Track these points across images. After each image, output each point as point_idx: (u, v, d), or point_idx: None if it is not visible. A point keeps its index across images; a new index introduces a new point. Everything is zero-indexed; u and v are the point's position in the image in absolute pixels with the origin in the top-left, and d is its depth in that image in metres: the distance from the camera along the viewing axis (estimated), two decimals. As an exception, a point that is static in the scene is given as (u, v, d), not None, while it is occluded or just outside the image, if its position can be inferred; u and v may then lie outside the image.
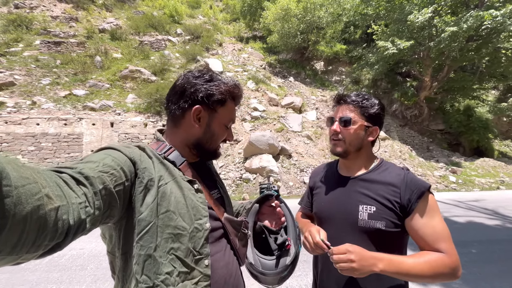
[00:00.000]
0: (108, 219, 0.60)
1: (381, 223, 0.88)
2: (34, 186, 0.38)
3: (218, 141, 0.85)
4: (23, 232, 0.36)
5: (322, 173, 1.15)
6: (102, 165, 0.58)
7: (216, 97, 0.78)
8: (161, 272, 0.63)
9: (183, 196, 0.70)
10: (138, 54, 12.40)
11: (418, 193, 0.86)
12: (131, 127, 8.46)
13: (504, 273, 2.99)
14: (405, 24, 10.93)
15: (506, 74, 11.67)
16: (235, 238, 0.83)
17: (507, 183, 9.24)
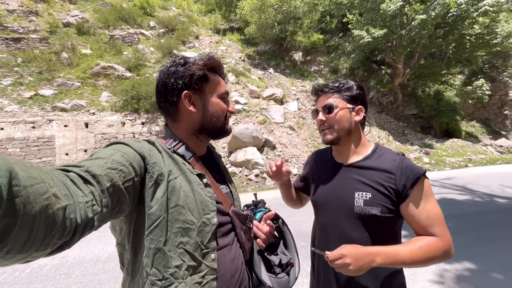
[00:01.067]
0: (119, 214, 0.60)
1: (376, 209, 0.88)
2: (42, 185, 0.38)
3: (221, 116, 0.83)
4: (32, 231, 0.36)
5: (317, 160, 1.15)
6: (110, 161, 0.58)
7: (197, 75, 0.77)
8: (170, 266, 0.64)
9: (192, 190, 0.71)
10: (110, 50, 11.71)
11: (413, 178, 0.86)
12: (108, 127, 8.06)
13: (476, 241, 3.27)
14: (378, 13, 11.23)
15: (470, 59, 12.48)
16: (241, 231, 0.83)
17: (474, 160, 9.99)
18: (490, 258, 2.86)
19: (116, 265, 2.95)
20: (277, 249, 0.92)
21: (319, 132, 1.05)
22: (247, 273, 0.84)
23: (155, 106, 8.72)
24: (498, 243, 3.22)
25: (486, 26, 10.68)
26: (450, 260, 2.83)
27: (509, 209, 4.48)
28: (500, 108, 15.63)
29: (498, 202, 4.86)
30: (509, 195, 5.28)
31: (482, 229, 3.65)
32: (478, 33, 10.88)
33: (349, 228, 0.92)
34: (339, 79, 1.05)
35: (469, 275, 2.56)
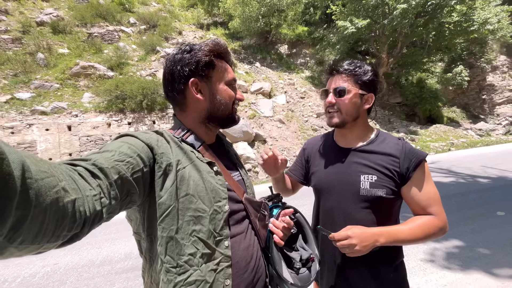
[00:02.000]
0: (130, 204, 0.61)
1: (382, 191, 0.91)
2: (52, 179, 0.39)
3: (229, 104, 0.81)
4: (43, 223, 0.37)
5: (319, 145, 1.14)
6: (118, 153, 0.58)
7: (203, 61, 0.75)
8: (184, 253, 0.65)
9: (201, 179, 0.71)
10: (89, 48, 11.23)
11: (416, 162, 0.90)
12: (93, 129, 7.79)
13: (461, 219, 3.43)
14: (360, 3, 11.34)
15: (450, 47, 12.88)
16: (255, 219, 0.83)
17: (456, 144, 10.42)
18: (475, 234, 3.02)
19: (112, 268, 2.89)
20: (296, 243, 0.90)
21: (325, 113, 1.04)
22: (263, 261, 0.83)
23: (141, 105, 8.52)
24: (481, 220, 3.39)
25: (463, 14, 11.02)
26: (439, 239, 2.96)
27: (491, 188, 4.71)
28: (478, 93, 16.30)
29: (480, 182, 5.10)
30: (490, 175, 5.55)
31: (467, 208, 3.83)
32: (456, 21, 11.21)
33: (355, 210, 0.95)
34: (355, 60, 1.01)
35: (458, 252, 2.69)
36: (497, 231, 3.07)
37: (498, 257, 2.53)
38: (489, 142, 10.77)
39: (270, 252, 0.82)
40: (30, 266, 3.05)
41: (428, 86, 14.54)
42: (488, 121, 15.01)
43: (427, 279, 2.30)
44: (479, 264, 2.45)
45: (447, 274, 2.34)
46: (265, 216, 0.87)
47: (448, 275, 2.34)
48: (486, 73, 16.02)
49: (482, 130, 13.22)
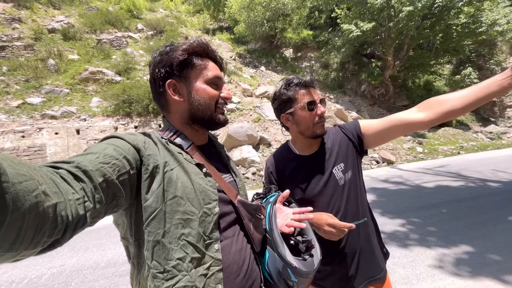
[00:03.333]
0: (116, 208, 0.59)
1: (349, 172, 1.04)
2: (31, 183, 0.37)
3: (210, 105, 0.77)
4: (21, 229, 0.35)
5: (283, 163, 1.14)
6: (103, 156, 0.56)
7: (177, 61, 0.73)
8: (171, 258, 0.62)
9: (190, 181, 0.68)
10: (98, 54, 11.52)
11: (354, 126, 1.08)
12: (100, 132, 7.94)
13: (471, 225, 3.33)
14: (365, 6, 11.31)
15: (458, 49, 12.68)
16: (249, 223, 0.80)
17: (465, 148, 10.18)
18: (486, 240, 2.92)
19: (116, 271, 2.91)
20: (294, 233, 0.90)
21: (311, 125, 1.03)
22: (256, 265, 0.81)
23: (147, 109, 8.65)
24: (492, 225, 3.28)
25: (471, 15, 10.86)
26: (448, 245, 2.89)
27: (502, 192, 4.57)
28: (488, 96, 15.94)
29: (491, 186, 4.96)
30: (501, 178, 5.40)
31: (477, 213, 3.72)
32: (464, 22, 11.06)
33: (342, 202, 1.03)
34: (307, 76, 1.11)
35: (468, 258, 2.60)
36: (509, 236, 2.96)
37: (509, 263, 2.44)
38: (500, 145, 10.49)
39: (271, 235, 0.81)
40: (37, 268, 3.10)
41: (436, 88, 14.33)
42: (499, 124, 14.64)
43: (435, 286, 2.23)
44: (489, 270, 2.36)
45: (456, 281, 2.27)
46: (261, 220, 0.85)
47: (457, 282, 2.26)
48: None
49: (493, 133, 12.89)
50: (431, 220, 3.55)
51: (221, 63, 0.83)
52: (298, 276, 0.76)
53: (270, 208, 0.87)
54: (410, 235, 3.19)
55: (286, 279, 0.78)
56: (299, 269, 0.76)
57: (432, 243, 2.94)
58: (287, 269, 0.76)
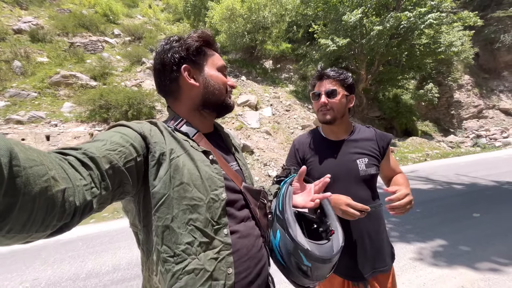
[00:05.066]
0: (123, 195, 0.60)
1: (372, 168, 1.15)
2: (41, 168, 0.38)
3: (222, 90, 0.81)
4: (32, 212, 0.37)
5: (309, 142, 1.27)
6: (110, 143, 0.57)
7: (194, 47, 0.77)
8: (181, 242, 0.64)
9: (196, 168, 0.70)
10: (70, 57, 10.95)
11: (387, 141, 1.21)
12: (74, 139, 7.46)
13: (443, 221, 3.65)
14: (340, 24, 12.12)
15: (420, 66, 13.99)
16: (255, 207, 0.82)
17: (431, 155, 11.10)
18: (456, 234, 3.22)
19: (99, 281, 2.73)
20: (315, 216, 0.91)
21: (317, 112, 1.20)
22: (265, 249, 0.83)
23: (126, 115, 8.33)
24: (460, 221, 3.63)
25: (431, 37, 12.11)
26: (425, 240, 3.13)
27: (465, 193, 5.06)
28: (447, 109, 17.65)
29: (456, 188, 5.46)
30: (463, 181, 5.97)
31: (447, 211, 4.08)
32: (426, 43, 12.28)
33: (358, 189, 1.11)
34: (336, 68, 1.22)
35: (442, 250, 2.85)
36: (475, 230, 3.29)
37: (477, 252, 2.72)
38: (459, 153, 11.58)
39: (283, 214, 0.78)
40: (6, 283, 2.80)
41: (403, 101, 15.56)
42: (457, 134, 16.19)
43: (417, 275, 2.41)
44: (461, 260, 2.61)
45: (434, 270, 2.47)
46: (265, 204, 0.87)
47: (436, 271, 2.47)
48: (453, 91, 17.47)
49: (453, 142, 14.22)
50: (408, 219, 3.82)
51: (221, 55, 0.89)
52: (311, 260, 0.72)
53: (285, 188, 0.87)
54: (391, 233, 3.41)
55: (298, 263, 0.73)
56: (312, 252, 0.71)
57: (410, 239, 3.17)
58: (298, 251, 0.72)
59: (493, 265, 2.44)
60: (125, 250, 3.45)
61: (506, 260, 2.50)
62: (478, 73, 18.77)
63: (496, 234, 3.12)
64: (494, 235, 3.10)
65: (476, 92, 17.82)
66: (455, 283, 2.25)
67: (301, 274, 0.74)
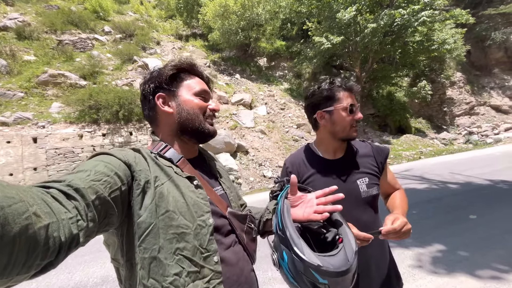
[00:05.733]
0: (108, 227, 0.59)
1: (374, 189, 1.05)
2: (21, 205, 0.36)
3: (197, 115, 0.80)
4: (12, 254, 0.35)
5: (303, 163, 1.13)
6: (94, 173, 0.56)
7: (166, 75, 0.79)
8: (168, 274, 0.61)
9: (181, 194, 0.69)
10: (59, 56, 10.60)
11: (385, 155, 1.13)
12: (62, 141, 7.22)
13: (440, 224, 3.62)
14: (334, 21, 12.03)
15: (414, 63, 14.05)
16: (242, 233, 0.81)
17: (424, 153, 11.18)
18: (454, 238, 3.18)
19: (87, 295, 2.61)
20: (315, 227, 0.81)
21: (347, 127, 1.04)
22: (254, 274, 0.82)
23: (117, 115, 8.11)
24: (457, 224, 3.60)
25: (425, 34, 12.13)
26: (423, 244, 3.08)
27: (460, 192, 5.07)
28: (440, 106, 17.82)
29: (451, 188, 5.47)
30: (458, 180, 5.99)
31: (443, 213, 4.06)
32: (419, 40, 12.30)
33: (360, 213, 1.02)
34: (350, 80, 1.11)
35: (441, 256, 2.80)
36: (472, 233, 3.26)
37: (476, 258, 2.68)
38: (452, 150, 11.70)
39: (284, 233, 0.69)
40: (-14, 300, 2.65)
41: (397, 98, 15.63)
42: (450, 131, 16.38)
43: (417, 285, 2.35)
44: (461, 266, 2.56)
45: (434, 279, 2.42)
46: (252, 229, 0.85)
47: (435, 279, 2.41)
48: (446, 88, 17.63)
49: (446, 139, 14.37)
50: (405, 222, 3.78)
51: (208, 81, 0.89)
52: (326, 276, 0.63)
53: (281, 202, 0.79)
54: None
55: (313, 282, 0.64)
56: (325, 268, 0.62)
57: (409, 244, 3.12)
58: (309, 270, 0.63)
59: (494, 272, 2.40)
60: (99, 265, 3.29)
61: (506, 267, 2.46)
62: (469, 70, 18.98)
63: (494, 237, 3.09)
64: (492, 238, 3.07)
65: (468, 89, 18.02)
66: (456, 292, 2.20)
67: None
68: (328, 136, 1.08)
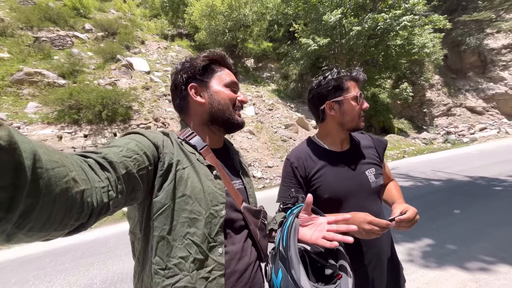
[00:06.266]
0: (133, 201, 0.62)
1: (381, 178, 1.06)
2: (63, 169, 0.39)
3: (228, 105, 0.82)
4: (52, 211, 0.38)
5: (309, 157, 1.06)
6: (126, 149, 0.59)
7: (199, 66, 0.80)
8: (174, 256, 0.63)
9: (200, 181, 0.70)
10: (35, 53, 10.04)
11: (383, 146, 1.16)
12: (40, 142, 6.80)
13: (427, 219, 3.71)
14: (320, 24, 12.26)
15: (396, 66, 14.60)
16: (256, 228, 0.81)
17: (407, 152, 11.57)
18: (441, 232, 3.28)
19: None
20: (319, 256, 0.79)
21: (355, 117, 1.02)
22: (261, 274, 0.82)
23: (100, 116, 7.76)
24: (443, 218, 3.72)
25: (406, 38, 12.61)
26: (413, 239, 3.15)
27: (444, 189, 5.26)
28: (420, 107, 18.58)
29: (434, 184, 5.67)
30: (440, 178, 6.22)
31: (429, 208, 4.19)
32: (400, 44, 12.78)
33: (369, 204, 1.01)
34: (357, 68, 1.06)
35: (431, 250, 2.87)
36: (457, 227, 3.38)
37: (464, 251, 2.77)
38: (433, 149, 12.20)
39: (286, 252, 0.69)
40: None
41: (380, 100, 16.12)
42: (430, 131, 17.10)
43: (410, 279, 2.38)
44: (450, 259, 2.63)
45: (426, 273, 2.47)
46: (265, 225, 0.85)
47: (427, 273, 2.46)
48: (425, 90, 18.43)
49: (426, 139, 14.98)
50: (394, 218, 3.86)
51: (236, 73, 0.90)
52: None
53: (291, 220, 0.77)
54: (379, 234, 3.40)
55: None
56: None
57: (399, 239, 3.17)
58: None
59: (481, 264, 2.48)
60: (98, 266, 3.13)
61: (492, 258, 2.55)
62: (446, 73, 19.95)
63: (477, 231, 3.22)
64: (476, 232, 3.19)
65: (445, 91, 18.93)
66: (448, 285, 2.25)
67: None
68: (336, 127, 1.05)
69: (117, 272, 2.96)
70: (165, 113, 9.52)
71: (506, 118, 17.82)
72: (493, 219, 3.50)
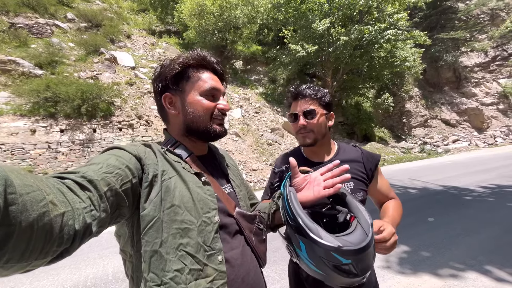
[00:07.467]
0: (119, 218, 0.59)
1: (359, 194, 1.05)
2: (39, 193, 0.37)
3: (203, 116, 0.76)
4: (30, 239, 0.36)
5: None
6: (106, 166, 0.56)
7: (172, 74, 0.75)
8: (169, 269, 0.60)
9: (188, 189, 0.68)
10: (10, 40, 9.42)
11: (375, 162, 1.13)
12: (10, 135, 6.37)
13: (403, 226, 3.84)
14: (309, 31, 12.52)
15: (379, 77, 15.18)
16: (251, 234, 0.78)
17: (387, 160, 12.05)
18: (416, 239, 3.42)
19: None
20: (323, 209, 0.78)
21: (296, 135, 1.11)
22: (262, 277, 0.80)
23: (79, 110, 7.40)
24: (418, 225, 3.89)
25: (389, 51, 13.19)
26: (390, 246, 3.25)
27: (419, 197, 5.51)
28: (400, 117, 19.45)
29: (411, 192, 5.93)
30: (417, 186, 6.52)
31: (405, 216, 4.30)
32: (384, 56, 13.35)
33: None
34: (313, 85, 1.11)
35: (407, 256, 2.98)
36: (431, 235, 3.54)
37: (437, 258, 2.90)
38: (410, 158, 12.79)
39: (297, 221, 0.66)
40: None
41: (363, 108, 16.70)
42: (408, 141, 17.93)
43: (387, 285, 2.46)
44: (424, 266, 2.75)
45: (401, 279, 2.55)
46: (262, 230, 0.82)
47: (403, 279, 2.55)
48: (405, 101, 19.33)
49: (404, 148, 15.68)
50: (373, 224, 3.98)
51: (222, 73, 0.83)
52: (349, 256, 0.61)
53: (286, 191, 0.76)
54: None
55: (337, 265, 0.62)
56: (346, 248, 0.60)
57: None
58: (330, 253, 0.61)
59: (452, 271, 2.60)
60: (70, 270, 2.96)
61: (461, 265, 2.69)
62: (424, 87, 21.08)
63: (449, 238, 3.39)
64: (448, 239, 3.36)
65: (423, 103, 19.96)
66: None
67: (345, 275, 0.63)
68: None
69: (90, 276, 2.81)
70: (149, 111, 9.26)
71: (476, 131, 19.09)
72: (464, 227, 3.71)
